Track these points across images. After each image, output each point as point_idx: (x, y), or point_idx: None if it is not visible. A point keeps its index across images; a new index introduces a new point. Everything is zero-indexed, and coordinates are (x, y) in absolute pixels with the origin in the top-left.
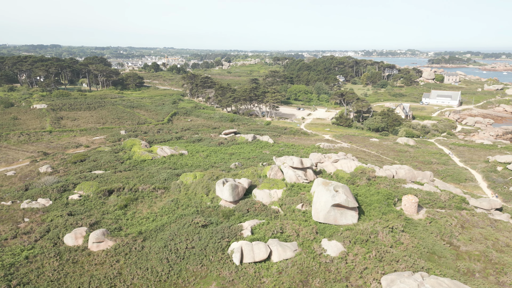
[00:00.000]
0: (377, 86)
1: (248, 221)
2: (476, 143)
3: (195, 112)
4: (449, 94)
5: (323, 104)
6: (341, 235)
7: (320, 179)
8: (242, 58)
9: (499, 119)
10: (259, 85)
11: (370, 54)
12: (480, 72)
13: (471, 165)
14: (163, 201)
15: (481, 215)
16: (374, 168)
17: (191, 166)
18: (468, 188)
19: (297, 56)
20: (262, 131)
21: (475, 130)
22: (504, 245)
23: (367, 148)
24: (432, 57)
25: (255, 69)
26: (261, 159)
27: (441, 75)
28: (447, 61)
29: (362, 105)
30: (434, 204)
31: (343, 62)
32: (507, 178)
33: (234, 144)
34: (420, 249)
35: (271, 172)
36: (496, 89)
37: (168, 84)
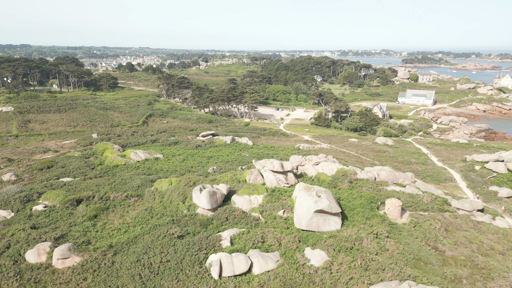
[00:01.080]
0: (354, 85)
1: (227, 230)
2: (452, 142)
3: (172, 113)
4: (424, 94)
5: (302, 104)
6: (325, 243)
7: (302, 184)
8: (219, 58)
9: (472, 117)
10: (237, 86)
11: (346, 54)
12: (451, 71)
13: (450, 165)
14: (136, 210)
15: (464, 217)
16: (356, 170)
17: (167, 171)
18: (448, 189)
19: (274, 56)
20: (241, 133)
21: (450, 128)
22: (489, 249)
23: (347, 149)
24: (406, 57)
25: (233, 69)
26: (240, 162)
27: (415, 75)
28: (420, 61)
29: (340, 105)
30: (417, 207)
31: (320, 62)
32: (485, 177)
33: (212, 146)
34: (405, 256)
35: (250, 177)
36: (468, 88)
37: (144, 84)
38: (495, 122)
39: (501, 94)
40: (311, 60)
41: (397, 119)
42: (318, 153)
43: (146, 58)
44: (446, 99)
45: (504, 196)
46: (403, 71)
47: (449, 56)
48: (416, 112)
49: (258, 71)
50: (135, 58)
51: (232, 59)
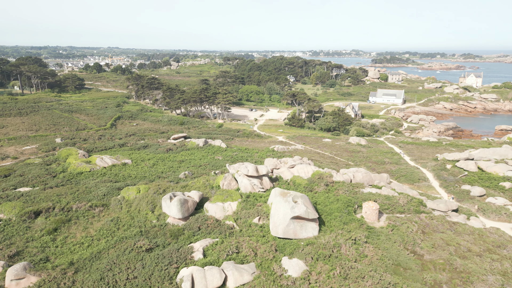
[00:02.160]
0: (326, 85)
1: (200, 241)
2: (422, 140)
3: (142, 115)
4: (394, 93)
5: (275, 105)
6: (303, 251)
7: (278, 189)
8: (191, 58)
9: (439, 115)
10: (210, 86)
11: (317, 54)
12: (418, 71)
13: (422, 164)
14: (102, 221)
15: (440, 218)
16: (331, 172)
17: (135, 178)
18: (422, 188)
19: (247, 56)
20: (214, 135)
21: (420, 127)
22: (466, 250)
23: (321, 149)
24: (375, 57)
25: (205, 69)
26: (213, 167)
27: (385, 74)
28: (389, 61)
29: (313, 105)
30: (394, 209)
31: (292, 62)
32: (457, 176)
33: (183, 150)
34: (385, 262)
35: (224, 182)
36: (435, 87)
37: (112, 85)
38: (461, 120)
39: (466, 93)
40: (284, 60)
41: (369, 118)
42: (293, 154)
43: (115, 58)
44: (415, 98)
45: (477, 195)
46: (373, 71)
47: (415, 56)
48: (387, 111)
49: (231, 71)
50: (103, 58)
51: (204, 59)
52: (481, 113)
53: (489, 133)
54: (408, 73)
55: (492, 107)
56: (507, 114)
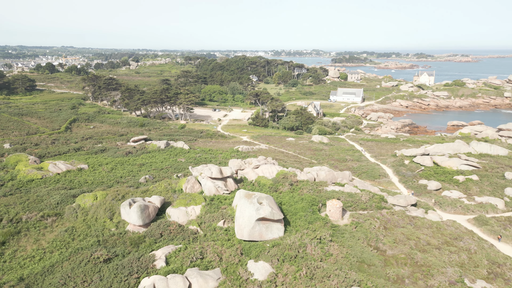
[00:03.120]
0: (289, 85)
1: (162, 248)
2: (381, 137)
3: (99, 117)
4: (353, 92)
5: (239, 105)
6: (269, 253)
7: (243, 191)
8: (151, 58)
9: (396, 113)
10: (171, 86)
11: (279, 54)
12: (375, 70)
13: (382, 160)
14: (55, 232)
15: (400, 213)
16: (296, 171)
17: (92, 184)
18: (383, 184)
19: (209, 56)
20: (177, 136)
21: (378, 124)
22: (426, 244)
23: (285, 148)
24: (335, 57)
25: (166, 69)
26: (176, 169)
27: (345, 74)
28: (348, 60)
29: (276, 105)
30: (357, 206)
31: (255, 62)
32: (414, 171)
33: (144, 153)
34: (349, 259)
35: (187, 185)
36: (392, 85)
37: (67, 87)
38: (416, 117)
39: (420, 91)
40: (246, 60)
41: (330, 117)
42: (257, 154)
43: (70, 58)
44: (373, 97)
45: (433, 189)
46: (333, 70)
47: (373, 55)
48: (347, 110)
49: (193, 71)
50: (57, 58)
51: (165, 59)
52: (434, 110)
53: (442, 129)
54: (366, 72)
55: (444, 104)
56: (458, 110)
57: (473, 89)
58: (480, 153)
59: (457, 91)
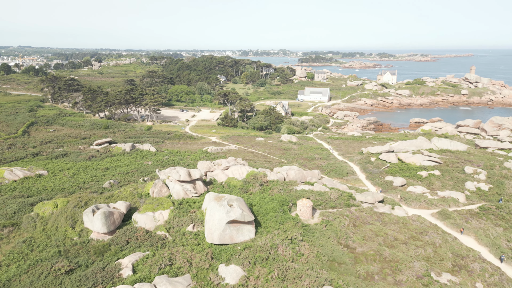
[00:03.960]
0: (257, 85)
1: (129, 256)
2: (348, 135)
3: (60, 120)
4: (320, 91)
5: (207, 105)
6: (240, 256)
7: (212, 194)
8: (115, 58)
9: (362, 111)
10: (136, 87)
11: (246, 53)
12: (340, 69)
13: (349, 158)
14: (12, 243)
15: (368, 210)
16: (266, 172)
17: (52, 191)
18: (351, 182)
19: (175, 56)
20: (143, 138)
21: (345, 123)
22: (393, 240)
23: (255, 148)
24: (301, 57)
25: (131, 69)
26: (142, 173)
27: (311, 73)
28: (314, 60)
29: (245, 105)
30: (326, 205)
31: (222, 61)
32: (380, 168)
33: (108, 156)
34: (321, 259)
35: (154, 189)
36: (357, 84)
37: (24, 88)
38: (381, 115)
39: (384, 89)
40: (214, 60)
41: (298, 116)
42: (226, 155)
43: (27, 58)
44: (339, 96)
45: (399, 185)
46: (300, 70)
47: (338, 55)
48: (315, 109)
49: (159, 71)
50: (13, 58)
51: (130, 59)
52: (397, 108)
53: (405, 126)
54: (332, 71)
55: (406, 102)
56: (419, 108)
57: (433, 87)
58: (441, 149)
59: (418, 89)
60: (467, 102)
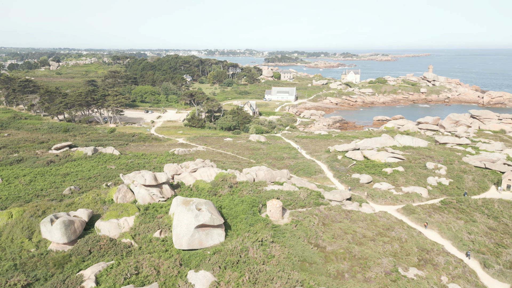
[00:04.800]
0: (224, 84)
1: (91, 267)
2: (315, 134)
3: (15, 123)
4: (287, 90)
5: (173, 105)
6: (210, 261)
7: (180, 198)
8: (75, 58)
9: (327, 110)
10: (98, 87)
11: (212, 53)
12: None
13: (317, 156)
14: None
15: (337, 208)
16: (235, 173)
17: (6, 200)
18: (319, 180)
19: (139, 55)
20: (106, 141)
21: (311, 121)
22: (362, 237)
23: (223, 149)
24: (267, 56)
25: (92, 70)
26: (105, 178)
27: (278, 73)
28: (280, 60)
29: (212, 105)
30: (296, 204)
31: (188, 61)
32: (347, 166)
33: (69, 161)
34: (291, 260)
35: (118, 195)
36: (322, 84)
37: None
38: (346, 113)
39: (348, 88)
40: (179, 59)
41: (266, 115)
42: (194, 157)
43: None
44: (305, 95)
45: (365, 182)
46: (267, 70)
47: (303, 55)
48: (282, 108)
49: (122, 71)
50: None
51: (91, 58)
52: (361, 106)
53: (369, 124)
54: (298, 71)
55: (369, 100)
56: (382, 106)
57: (394, 86)
58: (404, 145)
59: (380, 88)
60: (426, 100)
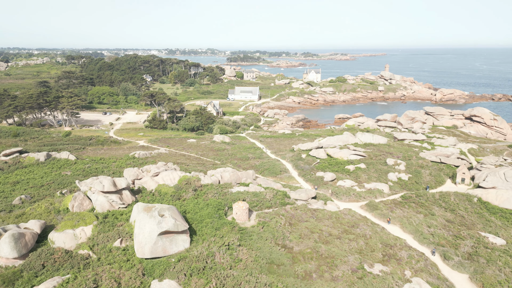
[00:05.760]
0: (186, 84)
1: (45, 283)
2: (279, 133)
3: None
4: (250, 90)
5: (133, 106)
6: (174, 269)
7: (141, 204)
8: (25, 57)
9: (290, 109)
10: (51, 89)
11: (173, 52)
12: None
13: (281, 156)
14: None
15: (303, 207)
16: (199, 175)
17: None
18: (285, 180)
19: (96, 55)
20: (60, 146)
21: (275, 121)
22: (328, 235)
23: (186, 151)
24: (230, 56)
25: (44, 70)
26: (60, 185)
27: (241, 72)
28: (242, 59)
29: (174, 105)
30: (262, 205)
31: (148, 60)
32: (311, 164)
33: (19, 168)
34: (259, 262)
35: (74, 203)
36: (285, 83)
37: None
38: (308, 112)
39: (310, 88)
40: (138, 59)
41: (230, 115)
42: (156, 160)
43: None
44: (269, 94)
45: (329, 180)
46: (230, 69)
47: (265, 55)
48: (246, 108)
49: (77, 71)
50: None
51: (43, 58)
52: (323, 105)
53: (331, 122)
54: (260, 70)
55: (330, 99)
56: (342, 104)
57: (353, 85)
58: (365, 142)
59: (340, 86)
60: (384, 98)
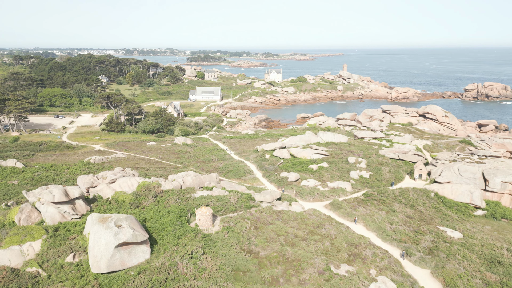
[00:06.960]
0: (144, 85)
1: None
2: (242, 134)
3: None
4: (212, 90)
5: (88, 109)
6: (134, 283)
7: (96, 215)
8: None
9: (253, 109)
10: None
11: (131, 52)
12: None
13: (245, 157)
14: None
15: (268, 209)
16: (160, 181)
17: None
18: (249, 181)
19: (46, 55)
20: (7, 152)
21: (238, 121)
22: (294, 237)
23: (146, 155)
24: (190, 56)
25: None
26: (5, 196)
27: (202, 73)
28: (203, 59)
29: (132, 107)
30: (227, 209)
31: (103, 61)
32: (275, 164)
33: None
34: (224, 270)
35: (21, 216)
36: (246, 83)
37: None
38: (270, 112)
39: (271, 87)
40: (93, 59)
41: (191, 116)
42: (113, 165)
43: None
44: (231, 94)
45: (293, 180)
46: (190, 69)
47: (226, 54)
48: (208, 108)
49: (26, 72)
50: None
51: None
52: (284, 104)
53: (293, 121)
54: (221, 70)
55: (292, 98)
56: (304, 103)
57: (313, 84)
58: (326, 141)
59: (301, 86)
60: (343, 97)
